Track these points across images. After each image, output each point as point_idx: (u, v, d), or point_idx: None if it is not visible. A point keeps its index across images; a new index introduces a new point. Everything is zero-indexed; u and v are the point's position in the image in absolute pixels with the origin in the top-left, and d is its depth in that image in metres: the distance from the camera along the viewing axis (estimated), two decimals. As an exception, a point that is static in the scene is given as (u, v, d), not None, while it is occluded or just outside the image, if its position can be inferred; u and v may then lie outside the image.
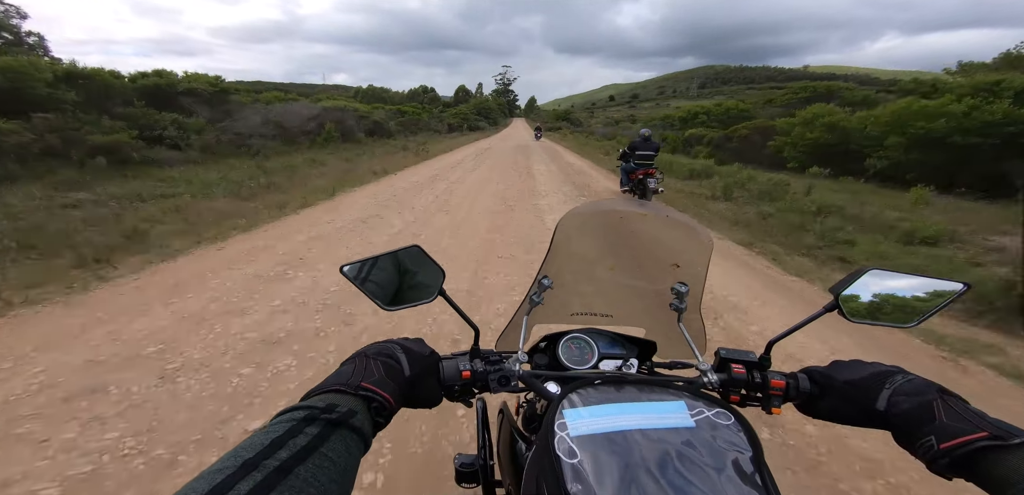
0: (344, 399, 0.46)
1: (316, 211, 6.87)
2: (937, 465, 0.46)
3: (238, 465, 0.34)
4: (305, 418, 0.41)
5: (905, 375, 0.55)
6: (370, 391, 0.49)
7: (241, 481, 0.33)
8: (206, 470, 0.34)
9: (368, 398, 0.49)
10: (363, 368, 0.52)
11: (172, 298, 3.48)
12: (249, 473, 0.34)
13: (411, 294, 0.67)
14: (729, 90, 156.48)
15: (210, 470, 0.34)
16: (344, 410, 0.44)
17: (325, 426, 0.41)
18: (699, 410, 0.51)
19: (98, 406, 2.20)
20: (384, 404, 0.50)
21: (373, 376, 0.51)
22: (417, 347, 0.60)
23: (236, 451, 0.36)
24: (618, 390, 0.54)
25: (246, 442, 0.38)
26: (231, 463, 0.35)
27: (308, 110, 18.11)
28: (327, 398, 0.46)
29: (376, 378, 0.51)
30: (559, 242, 0.77)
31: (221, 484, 0.32)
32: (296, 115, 16.89)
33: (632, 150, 8.09)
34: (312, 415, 0.42)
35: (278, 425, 0.40)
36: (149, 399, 2.27)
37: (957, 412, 0.47)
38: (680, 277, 0.79)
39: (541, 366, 0.79)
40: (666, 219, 0.84)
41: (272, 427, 0.40)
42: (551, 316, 0.83)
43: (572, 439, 0.46)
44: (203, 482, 0.33)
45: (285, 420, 0.41)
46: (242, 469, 0.34)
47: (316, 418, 0.42)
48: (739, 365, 0.65)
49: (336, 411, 0.43)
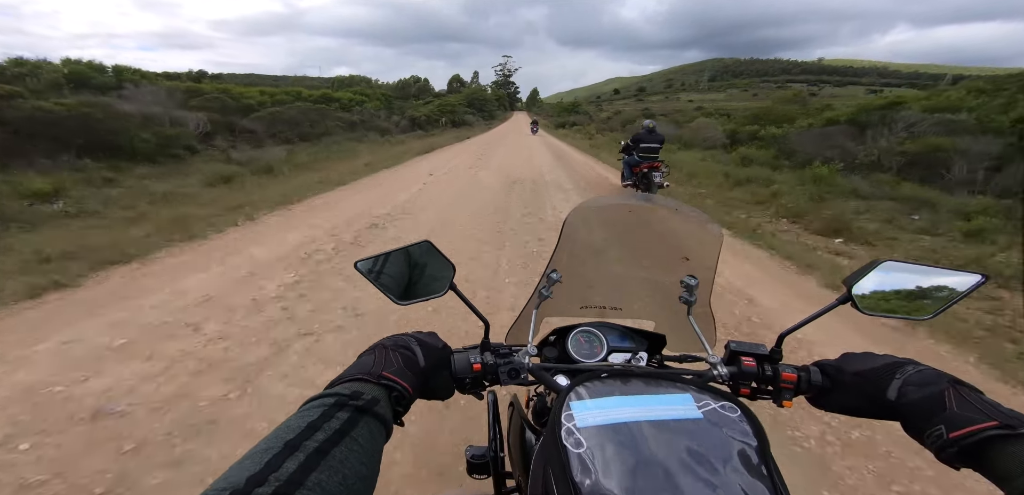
0: (367, 387, 0.48)
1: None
2: (945, 454, 0.46)
3: (281, 446, 0.36)
4: (335, 404, 0.43)
5: (916, 366, 0.55)
6: (390, 380, 0.50)
7: (288, 460, 0.35)
8: (252, 450, 0.36)
9: (389, 387, 0.50)
10: (383, 359, 0.53)
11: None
12: (292, 453, 0.36)
13: (423, 288, 0.68)
14: (742, 84, 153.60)
15: (256, 450, 0.36)
16: (369, 398, 0.45)
17: (353, 412, 0.43)
18: (706, 403, 0.51)
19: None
20: (404, 393, 0.51)
21: (393, 366, 0.52)
22: (431, 340, 0.61)
23: (277, 432, 0.38)
24: (625, 383, 0.55)
25: (284, 425, 0.40)
26: (275, 444, 0.37)
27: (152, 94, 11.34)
28: (352, 386, 0.47)
29: (396, 368, 0.52)
30: (567, 236, 0.76)
31: (270, 462, 0.34)
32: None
33: (636, 142, 7.74)
34: (340, 401, 0.43)
35: (311, 410, 0.42)
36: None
37: (969, 402, 0.47)
38: (690, 270, 0.79)
39: (550, 359, 0.79)
40: (675, 212, 0.84)
41: (306, 411, 0.42)
42: (560, 309, 0.83)
43: (579, 430, 0.47)
44: (253, 461, 0.35)
45: (317, 405, 0.43)
46: (286, 449, 0.36)
47: (344, 404, 0.43)
48: (749, 358, 0.65)
49: (362, 398, 0.45)
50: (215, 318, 3.02)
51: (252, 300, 3.31)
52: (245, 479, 0.33)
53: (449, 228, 5.54)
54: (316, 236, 4.99)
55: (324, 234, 5.07)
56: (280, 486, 0.33)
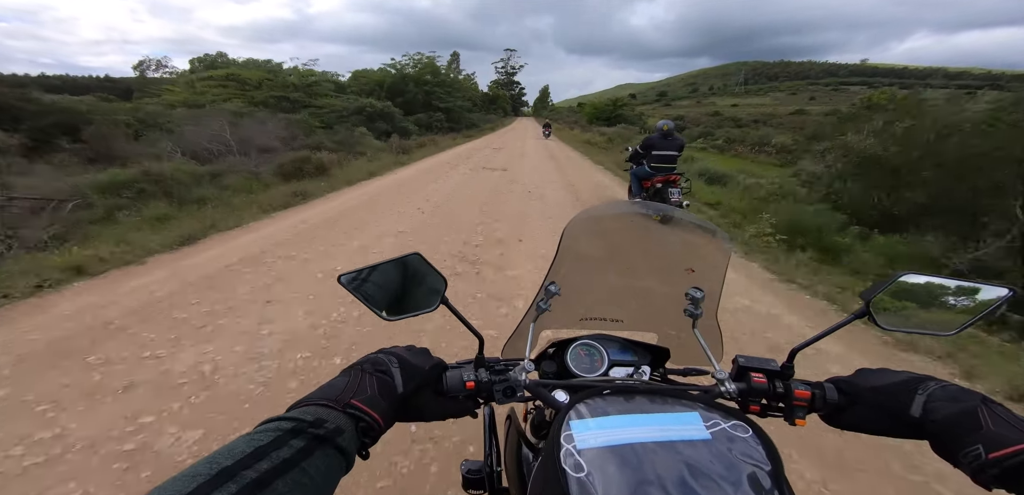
0: (333, 415, 0.45)
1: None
2: (984, 476, 0.43)
3: (213, 473, 0.33)
4: (291, 430, 0.40)
5: (938, 382, 0.52)
6: (359, 410, 0.47)
7: (215, 491, 0.31)
8: (179, 474, 0.33)
9: (356, 417, 0.47)
10: (356, 384, 0.50)
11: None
12: (224, 483, 0.32)
13: (412, 303, 0.65)
14: (784, 86, 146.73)
15: (183, 475, 0.32)
16: (331, 427, 0.42)
17: (310, 441, 0.40)
18: (715, 422, 0.48)
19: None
20: (372, 424, 0.48)
21: (365, 393, 0.50)
22: (418, 359, 0.58)
23: (214, 457, 0.35)
24: (628, 400, 0.52)
25: (226, 448, 0.36)
26: (206, 470, 0.33)
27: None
28: (315, 411, 0.44)
29: (367, 396, 0.49)
30: (567, 246, 0.74)
31: (194, 491, 0.31)
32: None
33: (647, 149, 5.88)
34: (298, 428, 0.40)
35: (263, 434, 0.39)
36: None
37: (1005, 420, 0.45)
38: (695, 282, 0.76)
39: (549, 373, 0.76)
40: (680, 221, 0.81)
41: (256, 435, 0.39)
42: (559, 322, 0.80)
43: (579, 452, 0.45)
44: (175, 486, 0.31)
45: (271, 430, 0.39)
46: (217, 477, 0.32)
47: (302, 431, 0.40)
48: (759, 374, 0.62)
49: (323, 427, 0.42)
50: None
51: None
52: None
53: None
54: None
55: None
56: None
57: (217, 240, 4.78)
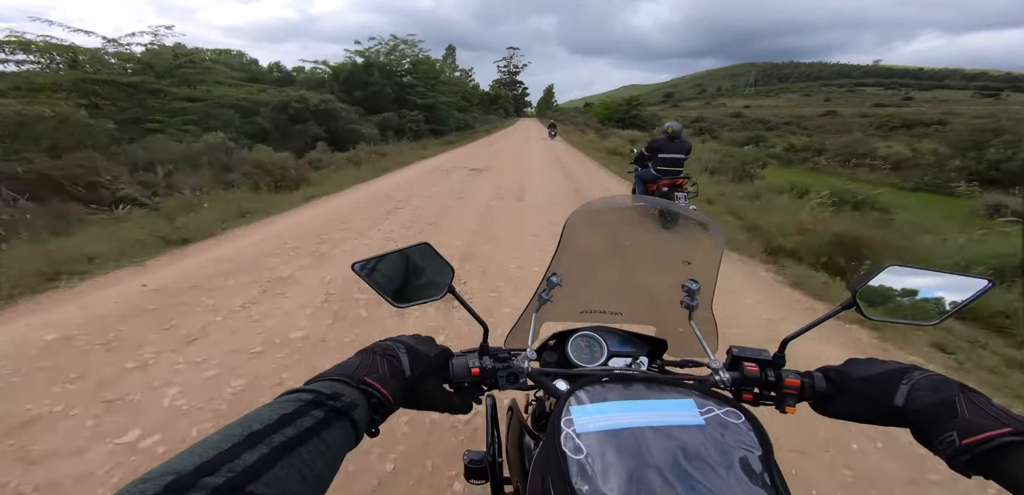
0: (347, 390, 0.47)
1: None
2: (958, 461, 0.45)
3: (245, 435, 0.35)
4: (311, 401, 0.42)
5: (923, 371, 0.54)
6: (371, 387, 0.50)
7: (247, 451, 0.34)
8: (211, 436, 0.35)
9: (368, 393, 0.50)
10: (368, 363, 0.53)
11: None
12: (255, 445, 0.35)
13: (421, 291, 0.68)
14: (796, 87, 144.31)
15: (215, 437, 0.35)
16: (347, 401, 0.45)
17: (329, 412, 0.42)
18: (709, 409, 0.50)
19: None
20: (383, 401, 0.50)
21: (377, 372, 0.52)
22: (424, 347, 0.60)
23: (244, 421, 0.37)
24: (626, 388, 0.54)
25: (255, 413, 0.39)
26: (239, 432, 0.35)
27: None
28: (333, 386, 0.47)
29: (379, 374, 0.52)
30: (568, 239, 0.76)
31: (228, 451, 0.33)
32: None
33: (653, 152, 5.75)
34: (319, 399, 0.43)
35: (287, 403, 0.41)
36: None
37: (980, 408, 0.46)
38: (691, 274, 0.78)
39: (550, 363, 0.78)
40: (676, 215, 0.83)
41: (280, 404, 0.41)
42: (560, 313, 0.83)
43: (578, 436, 0.47)
44: (207, 449, 0.33)
45: (292, 399, 0.42)
46: (249, 438, 0.35)
47: (322, 403, 0.43)
48: (752, 363, 0.64)
49: (340, 400, 0.44)
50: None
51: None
52: (193, 467, 0.31)
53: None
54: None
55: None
56: (232, 478, 0.31)
57: None
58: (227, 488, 0.30)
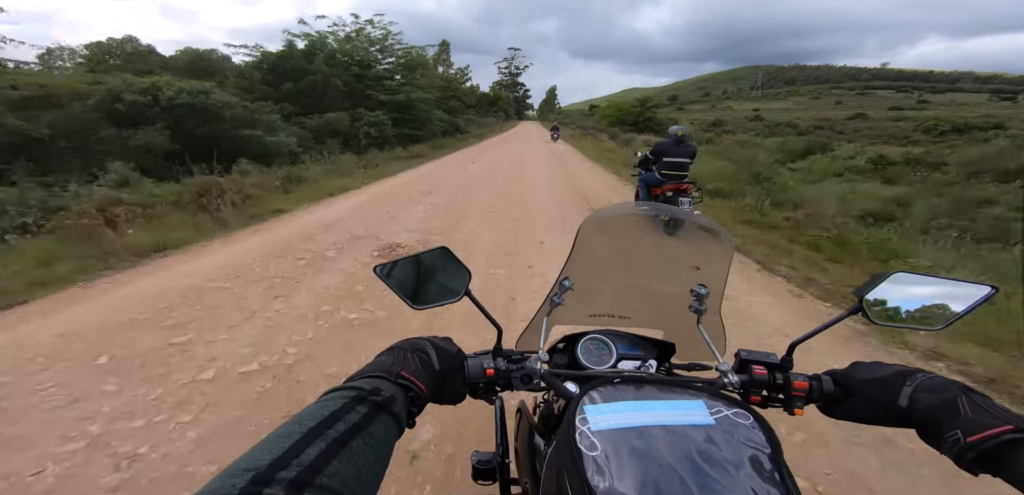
0: (385, 385, 0.49)
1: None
2: (964, 459, 0.46)
3: (304, 432, 0.37)
4: (355, 398, 0.44)
5: (926, 373, 0.55)
6: (408, 381, 0.52)
7: (309, 446, 0.36)
8: (274, 433, 0.37)
9: (406, 387, 0.52)
10: (401, 359, 0.55)
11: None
12: (314, 441, 0.37)
13: (438, 293, 0.69)
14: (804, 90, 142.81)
15: (279, 434, 0.37)
16: (387, 395, 0.47)
17: (372, 407, 0.44)
18: (718, 409, 0.51)
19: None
20: (419, 394, 0.53)
21: (410, 367, 0.54)
22: (445, 345, 0.63)
23: (299, 418, 0.39)
24: (638, 389, 0.55)
25: (306, 411, 0.41)
26: (297, 429, 0.37)
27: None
28: (372, 382, 0.49)
29: (413, 369, 0.54)
30: (581, 244, 0.77)
31: (294, 446, 0.35)
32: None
33: (658, 156, 5.72)
34: (360, 396, 0.45)
35: (333, 400, 0.43)
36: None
37: (981, 407, 0.48)
38: (700, 279, 0.80)
39: (560, 366, 0.79)
40: (685, 222, 0.85)
41: (327, 402, 0.43)
42: (570, 317, 0.84)
43: (593, 433, 0.48)
44: (276, 445, 0.35)
45: (338, 397, 0.44)
46: (309, 435, 0.37)
47: (364, 399, 0.45)
48: (760, 366, 0.65)
49: (380, 395, 0.46)
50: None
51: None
52: (268, 462, 0.33)
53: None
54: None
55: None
56: (301, 472, 0.33)
57: None
58: (297, 482, 0.32)
